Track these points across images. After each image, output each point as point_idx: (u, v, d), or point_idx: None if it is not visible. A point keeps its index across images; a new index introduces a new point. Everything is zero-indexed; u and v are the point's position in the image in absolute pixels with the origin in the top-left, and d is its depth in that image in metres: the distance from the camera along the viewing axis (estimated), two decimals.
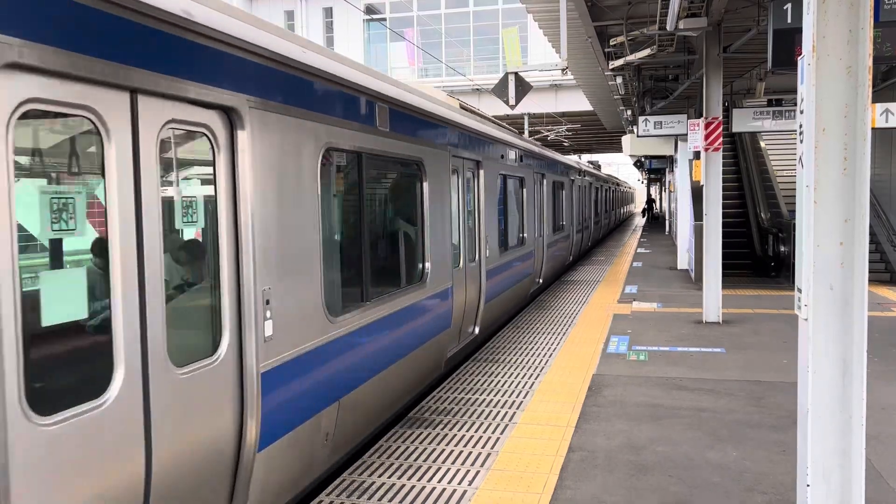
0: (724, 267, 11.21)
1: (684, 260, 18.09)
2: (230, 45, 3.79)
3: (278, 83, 4.27)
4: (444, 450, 5.59)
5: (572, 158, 24.53)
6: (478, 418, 6.33)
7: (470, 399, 6.91)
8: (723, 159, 11.84)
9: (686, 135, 14.11)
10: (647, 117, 15.50)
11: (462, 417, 6.37)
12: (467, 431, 6.00)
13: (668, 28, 10.24)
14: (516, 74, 13.95)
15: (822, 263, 3.37)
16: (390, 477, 5.07)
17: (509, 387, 7.33)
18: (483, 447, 5.63)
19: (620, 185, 44.10)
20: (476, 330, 9.05)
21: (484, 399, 6.90)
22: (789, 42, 7.48)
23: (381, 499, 4.73)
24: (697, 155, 14.02)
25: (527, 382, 7.49)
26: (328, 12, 39.80)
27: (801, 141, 3.46)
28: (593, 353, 8.80)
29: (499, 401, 6.85)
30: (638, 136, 16.58)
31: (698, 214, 14.21)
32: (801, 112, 3.45)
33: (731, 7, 10.49)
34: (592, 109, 28.67)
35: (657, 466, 5.23)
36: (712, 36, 10.83)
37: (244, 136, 3.87)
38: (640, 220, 51.49)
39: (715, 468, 5.19)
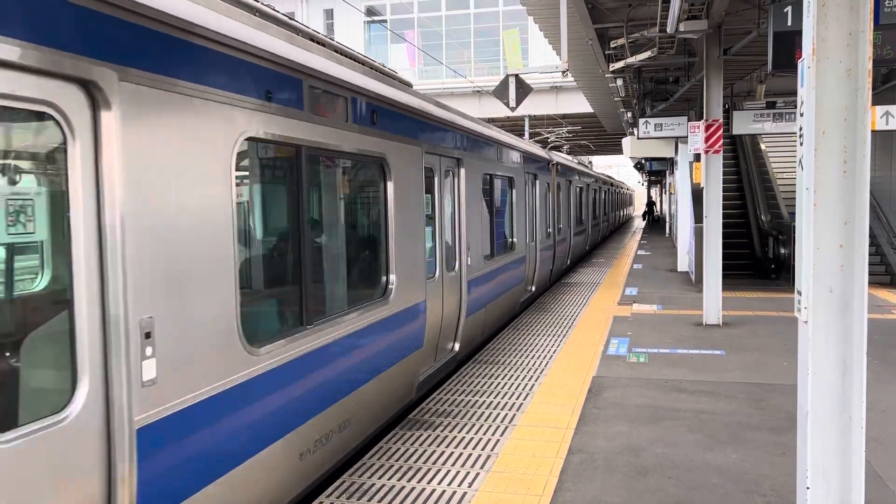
0: (725, 269, 11.21)
1: (684, 262, 18.09)
2: None
3: (168, 50, 3.31)
4: (444, 451, 5.59)
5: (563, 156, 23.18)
6: (478, 420, 6.33)
7: (470, 401, 6.91)
8: (723, 161, 11.84)
9: (686, 137, 14.11)
10: (648, 119, 15.48)
11: (462, 419, 6.36)
12: (467, 433, 6.00)
13: (669, 30, 10.25)
14: (517, 76, 13.96)
15: (822, 265, 3.37)
16: (390, 479, 5.07)
17: (509, 388, 7.33)
18: (483, 449, 5.63)
19: (615, 186, 39.28)
20: (456, 346, 8.17)
21: (484, 401, 6.90)
22: (789, 45, 7.48)
23: (381, 500, 4.73)
24: (698, 157, 14.02)
25: (527, 384, 7.48)
26: (329, 14, 39.81)
27: (802, 143, 3.46)
28: (593, 355, 8.80)
29: (499, 402, 6.85)
30: (638, 138, 16.57)
31: (698, 216, 14.20)
32: (802, 114, 3.46)
33: (732, 9, 10.50)
34: (593, 111, 28.69)
35: (657, 468, 5.23)
36: (713, 38, 10.84)
37: (110, 119, 2.96)
38: (641, 223, 51.24)
39: (715, 470, 5.18)
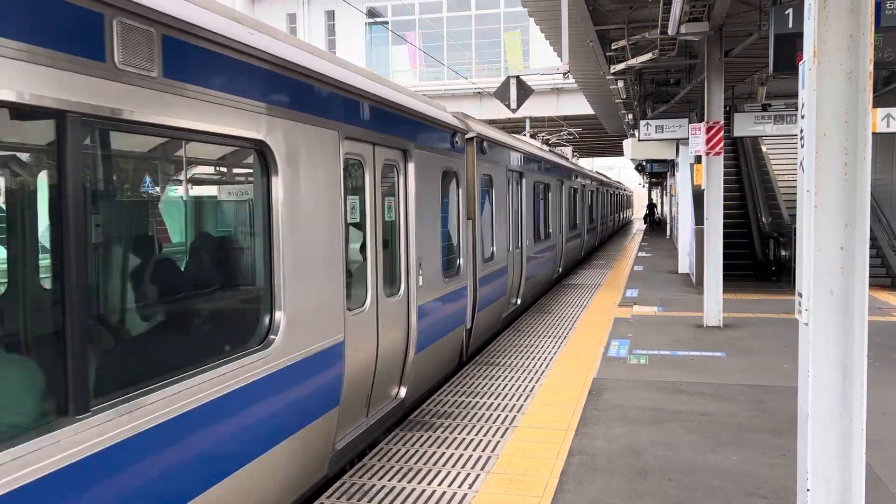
0: (725, 270, 11.21)
1: (685, 263, 18.10)
2: None
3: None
4: (445, 453, 5.59)
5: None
6: (478, 421, 6.34)
7: (470, 402, 6.91)
8: (724, 163, 11.84)
9: (687, 139, 14.12)
10: (649, 121, 15.50)
11: (463, 420, 6.37)
12: (468, 434, 6.00)
13: (670, 32, 10.25)
14: (518, 78, 13.99)
15: (823, 267, 3.37)
16: (391, 480, 5.07)
17: (510, 390, 7.33)
18: (483, 450, 5.63)
19: (607, 185, 33.65)
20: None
21: (484, 402, 6.90)
22: (790, 47, 7.49)
23: (381, 502, 4.73)
24: (699, 159, 14.03)
25: (527, 386, 7.48)
26: (330, 15, 39.86)
27: (802, 145, 3.46)
28: (594, 357, 8.80)
29: (499, 404, 6.85)
30: (639, 140, 16.57)
31: (699, 218, 14.21)
32: (802, 117, 3.46)
33: (733, 11, 10.51)
34: (594, 113, 28.70)
35: (657, 470, 5.23)
36: (714, 40, 10.85)
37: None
38: (641, 225, 51.06)
39: (715, 472, 5.18)
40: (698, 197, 14.95)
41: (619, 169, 76.92)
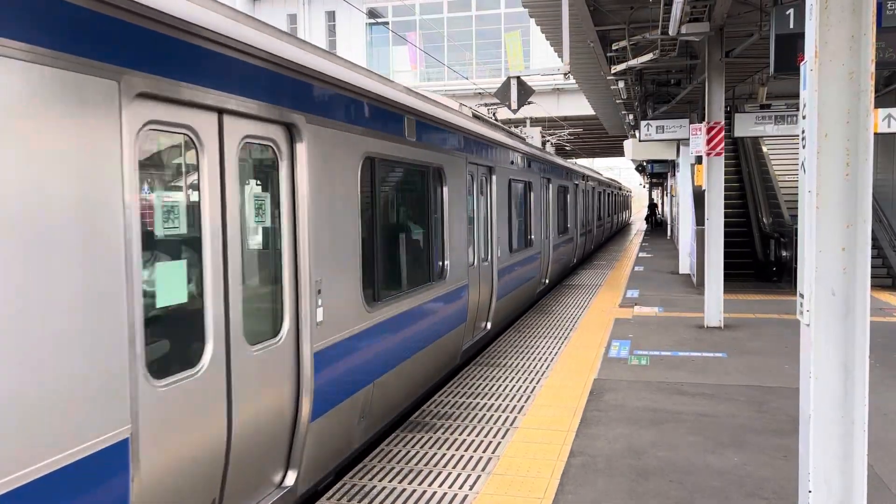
0: (726, 271, 11.21)
1: (686, 264, 18.09)
2: None
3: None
4: (445, 454, 5.58)
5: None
6: (479, 422, 6.33)
7: (471, 403, 6.90)
8: (725, 164, 11.84)
9: (688, 139, 14.12)
10: (649, 122, 15.49)
11: (463, 421, 6.36)
12: (468, 436, 5.99)
13: (671, 33, 10.24)
14: (518, 78, 13.99)
15: (824, 268, 3.36)
16: (391, 481, 5.07)
17: (510, 391, 7.32)
18: (484, 451, 5.62)
19: (605, 185, 30.31)
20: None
21: (485, 403, 6.90)
22: (791, 47, 7.48)
23: (382, 503, 4.73)
24: (699, 159, 14.02)
25: (528, 387, 7.48)
26: (331, 16, 39.86)
27: (804, 146, 3.46)
28: (594, 358, 8.80)
29: (500, 405, 6.84)
30: (640, 141, 16.56)
31: (700, 219, 14.20)
32: (804, 117, 3.45)
33: (734, 12, 10.50)
34: (594, 113, 28.67)
35: (658, 471, 5.22)
36: (714, 41, 10.84)
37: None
38: (642, 226, 50.95)
39: (716, 473, 5.18)
40: (699, 197, 14.95)
41: (620, 169, 76.92)
